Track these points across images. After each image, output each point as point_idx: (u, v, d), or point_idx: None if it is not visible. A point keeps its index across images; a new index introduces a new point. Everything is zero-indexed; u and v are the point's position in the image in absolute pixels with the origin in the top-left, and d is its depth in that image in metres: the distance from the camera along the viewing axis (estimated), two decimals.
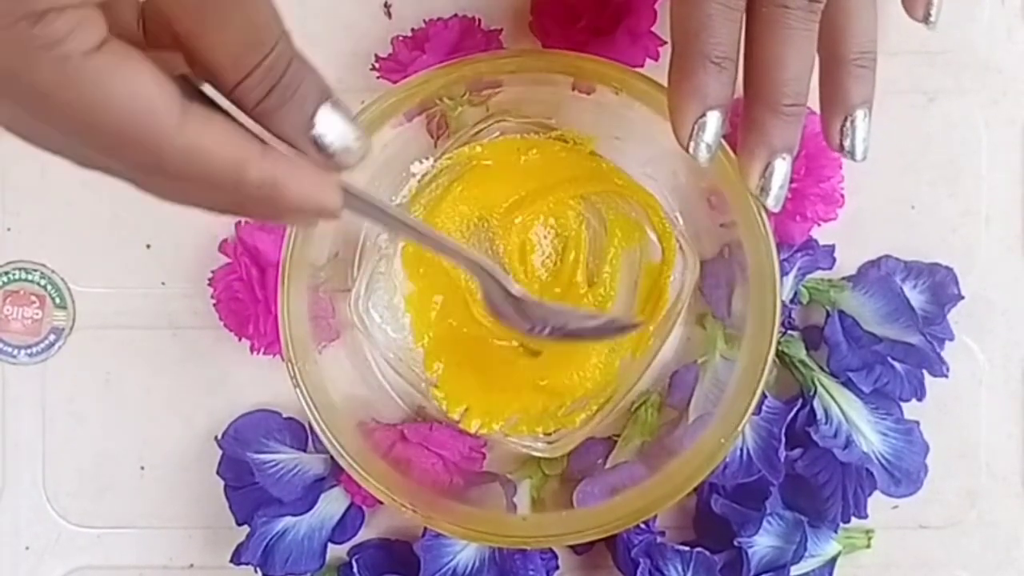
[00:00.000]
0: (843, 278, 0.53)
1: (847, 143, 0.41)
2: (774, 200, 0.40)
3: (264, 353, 0.51)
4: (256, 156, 0.31)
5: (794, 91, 0.39)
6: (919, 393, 0.52)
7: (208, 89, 0.32)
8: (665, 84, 0.40)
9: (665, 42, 0.49)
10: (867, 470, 0.51)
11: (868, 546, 0.53)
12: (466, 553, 0.50)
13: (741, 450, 0.50)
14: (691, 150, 0.39)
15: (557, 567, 0.52)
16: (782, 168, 0.40)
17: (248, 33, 0.31)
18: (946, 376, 0.52)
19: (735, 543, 0.50)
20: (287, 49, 0.32)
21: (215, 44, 0.30)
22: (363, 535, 0.53)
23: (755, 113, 0.40)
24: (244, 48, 0.31)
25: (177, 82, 0.30)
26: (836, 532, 0.52)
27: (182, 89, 0.30)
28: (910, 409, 0.52)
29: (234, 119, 0.32)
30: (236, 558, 0.51)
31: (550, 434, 0.51)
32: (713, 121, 0.39)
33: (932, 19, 0.45)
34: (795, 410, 0.51)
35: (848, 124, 0.41)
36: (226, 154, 0.31)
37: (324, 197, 0.33)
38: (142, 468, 0.54)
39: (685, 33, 0.39)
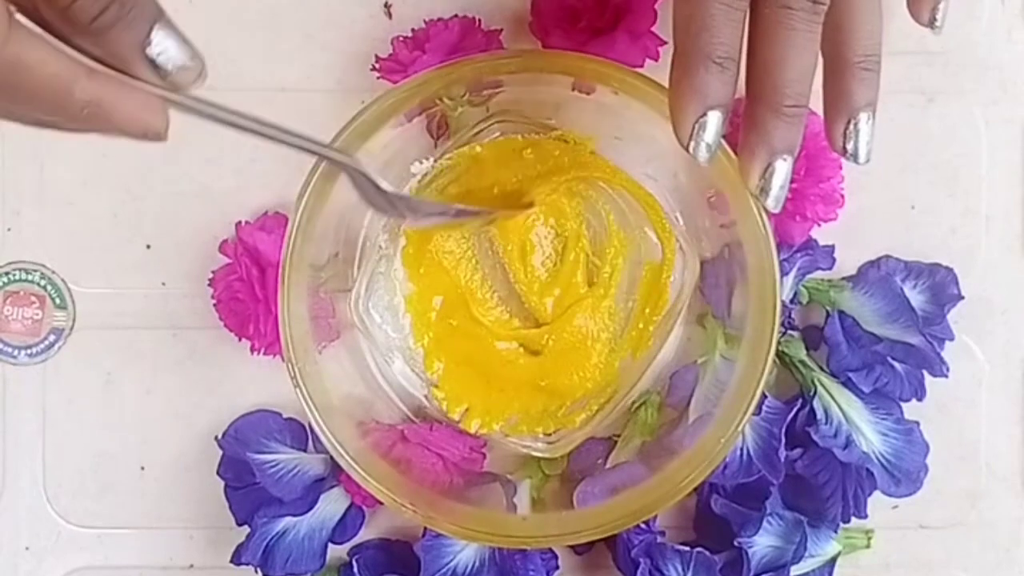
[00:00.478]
0: (843, 278, 0.53)
1: (850, 146, 0.41)
2: (774, 201, 0.40)
3: (264, 353, 0.51)
4: (83, 75, 0.32)
5: (796, 92, 0.39)
6: (919, 393, 0.52)
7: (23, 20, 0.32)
8: (665, 84, 0.40)
9: (665, 42, 0.49)
10: (867, 470, 0.51)
11: (868, 546, 0.53)
12: (466, 553, 0.50)
13: (741, 450, 0.50)
14: (691, 150, 0.39)
15: (557, 567, 0.52)
16: (783, 169, 0.40)
17: None
18: (946, 376, 0.52)
19: (735, 543, 0.50)
20: None
21: None
22: (363, 535, 0.53)
23: (756, 113, 0.40)
24: None
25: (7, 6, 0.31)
26: (836, 532, 0.52)
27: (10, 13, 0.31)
28: (910, 409, 0.52)
29: (59, 43, 0.32)
30: (236, 558, 0.51)
31: (550, 434, 0.51)
32: (714, 121, 0.39)
33: (938, 23, 0.45)
34: (795, 410, 0.51)
35: (851, 127, 0.41)
36: (51, 71, 0.32)
37: (149, 118, 0.34)
38: (142, 468, 0.54)
39: (687, 33, 0.39)
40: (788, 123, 0.39)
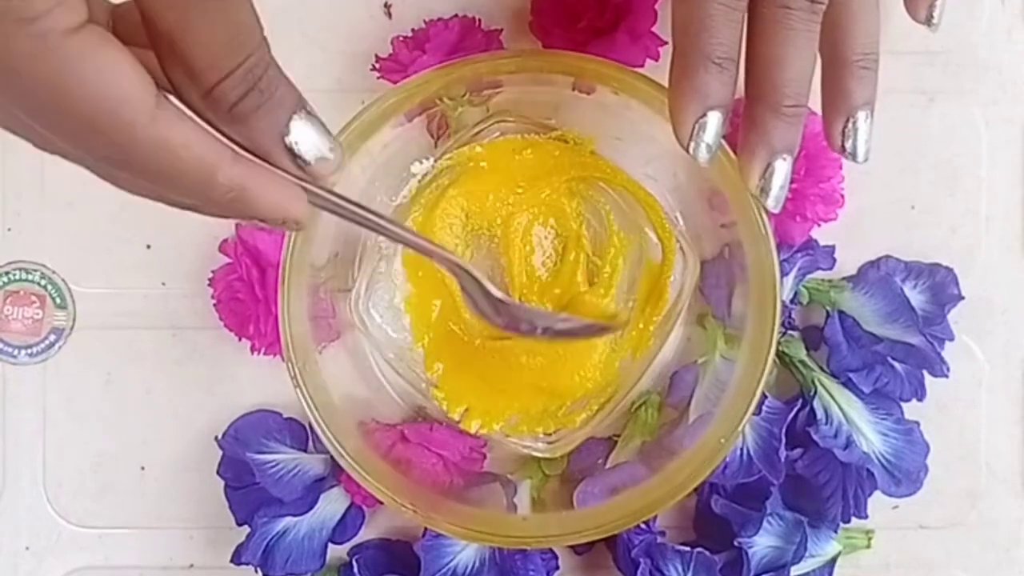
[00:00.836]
0: (843, 278, 0.53)
1: (848, 145, 0.41)
2: (774, 201, 0.40)
3: (264, 353, 0.51)
4: (227, 160, 0.32)
5: (795, 92, 0.39)
6: (919, 393, 0.52)
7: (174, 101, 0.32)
8: (665, 84, 0.40)
9: (665, 42, 0.49)
10: (867, 470, 0.51)
11: (868, 546, 0.53)
12: (466, 553, 0.50)
13: (741, 450, 0.50)
14: (691, 150, 0.39)
15: (557, 567, 0.52)
16: (782, 169, 0.40)
17: (231, 33, 0.31)
18: (946, 376, 0.52)
19: (735, 543, 0.50)
20: (265, 54, 0.32)
21: (197, 43, 0.30)
22: (363, 535, 0.53)
23: (756, 113, 0.40)
24: (225, 48, 0.31)
25: (155, 85, 0.30)
26: (836, 532, 0.52)
27: (159, 91, 0.30)
28: (910, 409, 0.52)
29: (205, 126, 0.32)
30: (236, 558, 0.51)
31: (550, 434, 0.51)
32: (713, 121, 0.39)
33: (935, 21, 0.45)
34: (795, 410, 0.51)
35: (850, 126, 0.41)
36: (196, 154, 0.31)
37: (291, 207, 0.33)
38: (142, 468, 0.54)
39: (686, 33, 0.39)
40: (787, 123, 0.39)
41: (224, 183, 0.32)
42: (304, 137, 0.33)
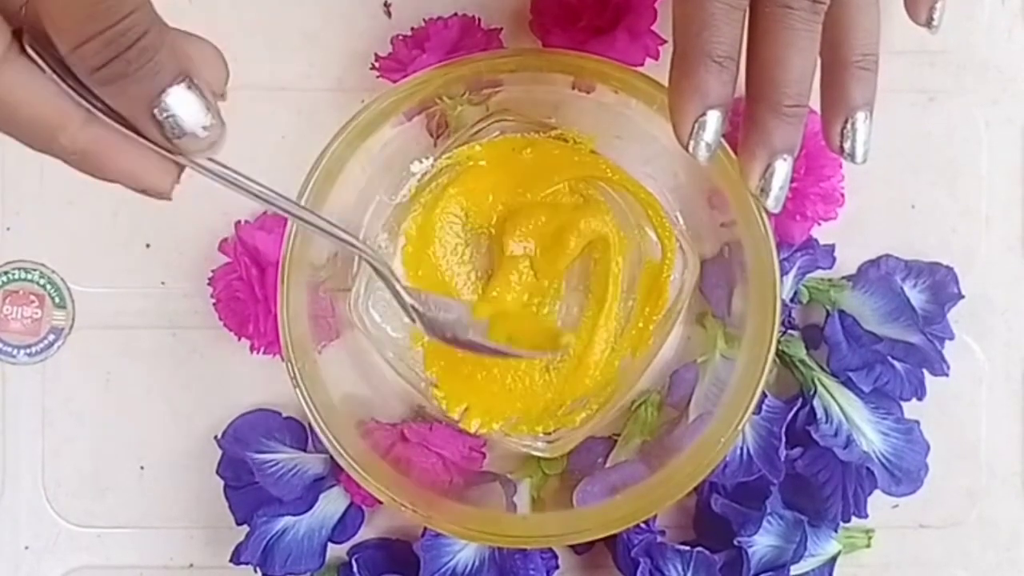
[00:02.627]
0: (843, 277, 0.53)
1: (847, 145, 0.41)
2: (774, 201, 0.40)
3: (264, 353, 0.51)
4: (76, 123, 0.31)
5: (796, 92, 0.39)
6: (919, 392, 0.52)
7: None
8: (665, 83, 0.40)
9: (665, 41, 0.49)
10: (867, 469, 0.51)
11: (868, 545, 0.53)
12: (466, 553, 0.50)
13: (741, 449, 0.50)
14: (691, 149, 0.39)
15: (557, 567, 0.52)
16: (783, 169, 0.40)
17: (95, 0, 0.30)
18: (946, 375, 0.52)
19: (735, 542, 0.50)
20: (143, 22, 0.31)
21: (56, 4, 0.30)
22: (363, 535, 0.53)
23: (756, 113, 0.39)
24: (86, 12, 0.30)
25: (9, 34, 0.30)
26: (836, 531, 0.52)
27: (13, 41, 0.30)
28: (910, 408, 0.52)
29: (65, 85, 0.31)
30: (236, 558, 0.51)
31: (550, 433, 0.51)
32: (713, 120, 0.39)
33: (935, 23, 0.45)
34: (795, 409, 0.51)
35: (849, 126, 0.41)
36: (37, 113, 0.31)
37: (146, 178, 0.32)
38: (142, 468, 0.54)
39: (687, 32, 0.39)
40: (788, 123, 0.39)
41: (67, 145, 0.31)
42: (179, 111, 0.31)
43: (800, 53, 0.39)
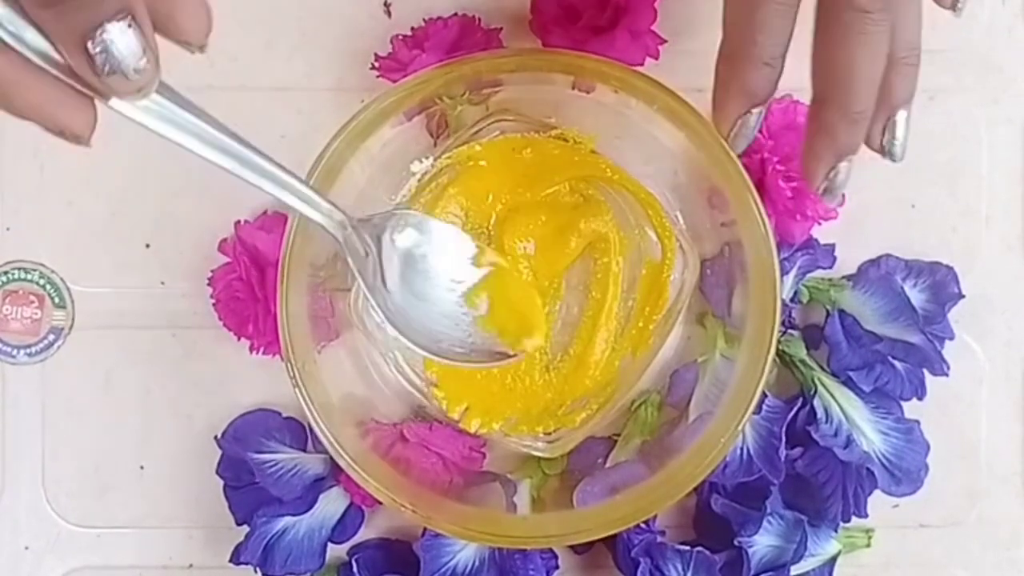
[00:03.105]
0: (843, 277, 0.53)
1: (887, 142, 0.41)
2: (836, 198, 0.41)
3: (264, 353, 0.51)
4: None
5: (866, 95, 0.39)
6: (919, 392, 0.52)
7: None
8: (665, 83, 0.40)
9: (665, 40, 0.49)
10: (867, 469, 0.51)
11: (868, 545, 0.53)
12: (466, 553, 0.50)
13: (741, 449, 0.50)
14: (730, 141, 0.41)
15: (557, 567, 0.52)
16: (846, 169, 0.40)
17: None
18: (947, 375, 0.52)
19: (735, 543, 0.50)
20: None
21: None
22: (363, 535, 0.53)
23: (826, 116, 0.39)
24: None
25: None
26: (836, 531, 0.52)
27: None
28: (910, 408, 0.52)
29: None
30: (236, 558, 0.51)
31: (550, 433, 0.51)
32: (755, 116, 0.40)
33: (960, 6, 0.44)
34: (795, 409, 0.51)
35: (890, 123, 0.41)
36: None
37: (64, 119, 0.31)
38: (141, 468, 0.54)
39: (740, 32, 0.39)
40: (857, 127, 0.39)
41: None
42: (114, 47, 0.29)
43: (872, 58, 0.39)
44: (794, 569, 0.50)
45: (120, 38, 0.29)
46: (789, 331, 0.52)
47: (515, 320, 0.46)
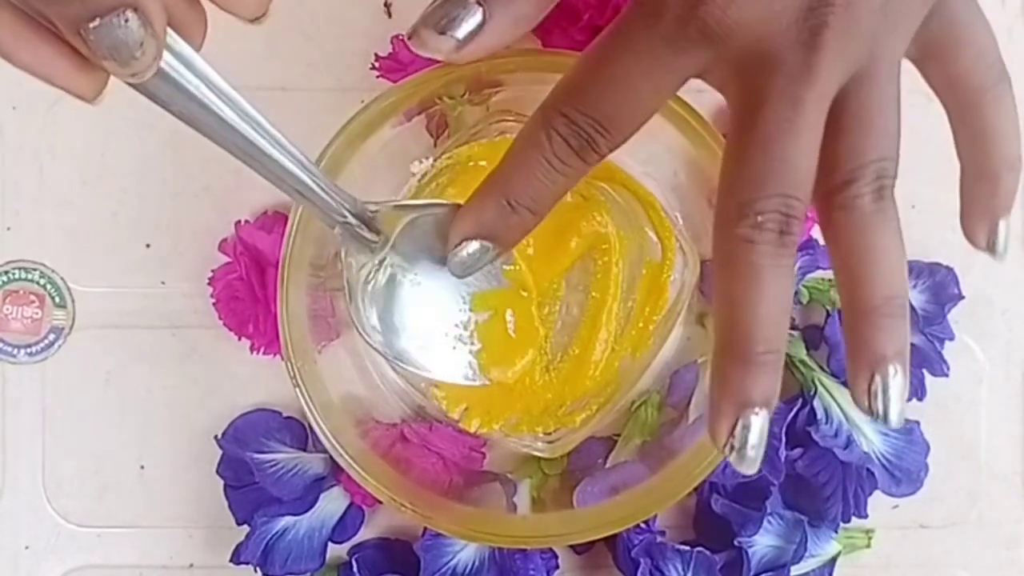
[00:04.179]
0: None
1: (875, 407, 0.35)
2: (748, 463, 0.34)
3: (264, 352, 0.51)
4: None
5: (765, 336, 0.34)
6: (919, 393, 0.52)
7: None
8: None
9: None
10: (867, 470, 0.51)
11: (868, 546, 0.53)
12: (466, 553, 0.50)
13: None
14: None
15: (557, 567, 0.52)
16: (758, 423, 0.34)
17: None
18: (947, 376, 0.52)
19: (735, 543, 0.50)
20: None
21: None
22: (363, 535, 0.53)
23: (719, 364, 0.35)
24: None
25: None
26: (836, 532, 0.52)
27: None
28: (911, 409, 0.52)
29: None
30: (236, 557, 0.51)
31: (550, 433, 0.51)
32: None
33: (1000, 249, 0.40)
34: (795, 410, 0.51)
35: (875, 384, 0.35)
36: None
37: (66, 81, 0.30)
38: (142, 467, 0.54)
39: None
40: (760, 372, 0.34)
41: None
42: (108, 38, 0.29)
43: (771, 297, 0.34)
44: (794, 569, 0.50)
45: (114, 31, 0.29)
46: (789, 331, 0.52)
47: (499, 349, 0.45)
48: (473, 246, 0.37)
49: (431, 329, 0.41)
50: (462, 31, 0.36)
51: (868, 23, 0.35)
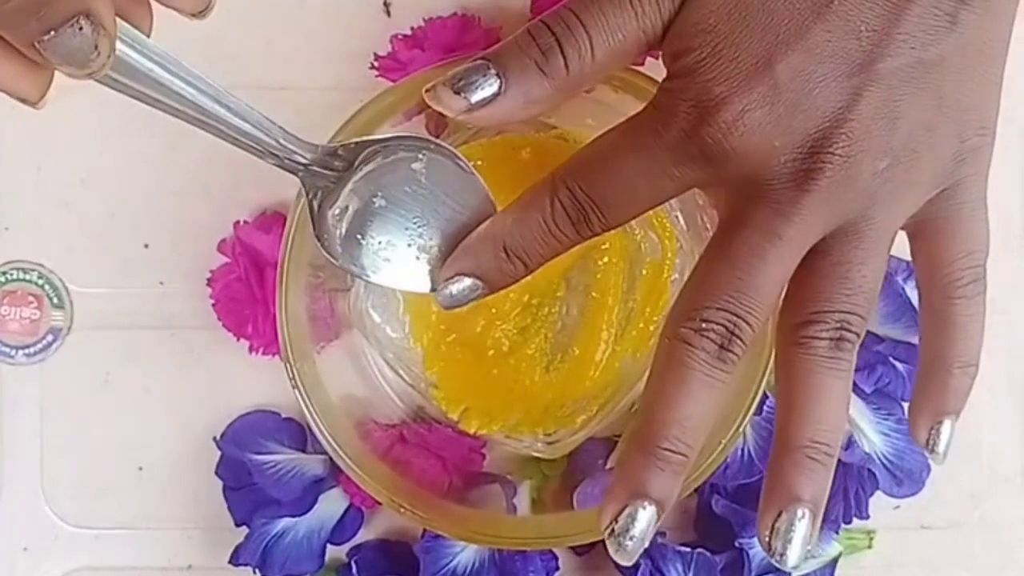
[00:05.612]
0: None
1: (776, 544, 0.37)
2: (623, 553, 0.35)
3: (263, 353, 0.51)
4: None
5: (675, 435, 0.35)
6: None
7: None
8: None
9: None
10: (869, 470, 0.50)
11: (870, 547, 0.53)
12: (466, 555, 0.50)
13: (742, 450, 0.50)
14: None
15: (557, 568, 0.52)
16: (644, 517, 0.35)
17: None
18: None
19: (736, 544, 0.50)
20: None
21: None
22: (362, 536, 0.53)
23: (625, 455, 0.36)
24: None
25: None
26: (837, 532, 0.52)
27: None
28: None
29: None
30: (235, 559, 0.51)
31: (550, 434, 0.51)
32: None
33: (940, 450, 0.40)
34: None
35: (783, 521, 0.37)
36: None
37: (6, 81, 0.31)
38: (140, 469, 0.53)
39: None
40: (659, 467, 0.35)
41: None
42: (62, 48, 0.29)
43: (685, 395, 0.35)
44: (795, 571, 0.50)
45: (69, 40, 0.29)
46: None
47: None
48: (465, 282, 0.39)
49: (395, 243, 0.41)
50: (476, 96, 0.37)
51: (866, 182, 0.36)
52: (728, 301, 0.35)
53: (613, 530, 0.35)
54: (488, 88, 0.37)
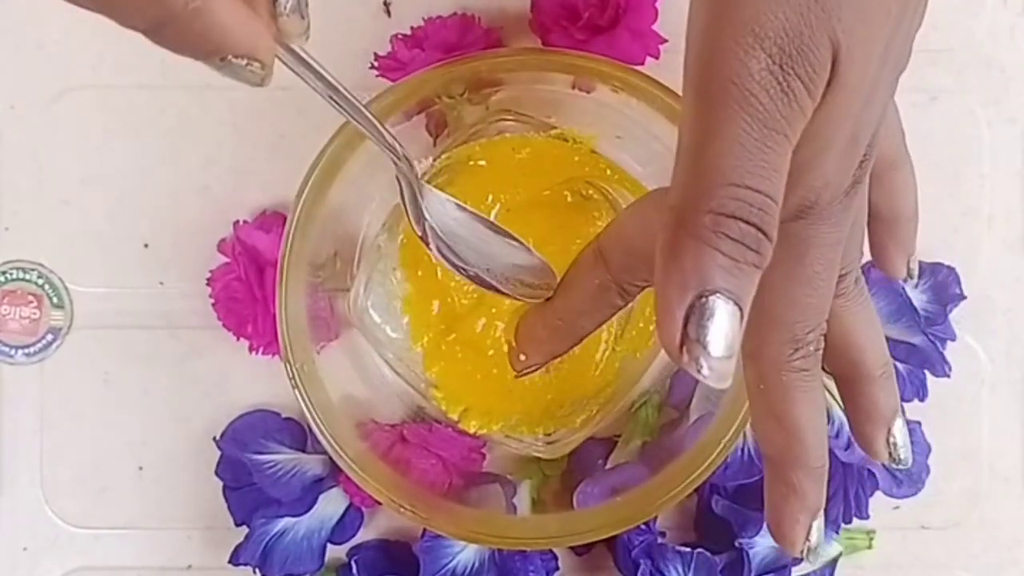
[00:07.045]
0: None
1: (897, 454, 0.39)
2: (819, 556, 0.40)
3: (263, 353, 0.51)
4: None
5: (824, 450, 0.37)
6: (921, 393, 0.52)
7: None
8: (666, 82, 0.40)
9: (666, 40, 0.49)
10: (869, 470, 0.50)
11: (869, 547, 0.53)
12: (465, 554, 0.50)
13: (742, 450, 0.50)
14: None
15: (557, 568, 0.52)
16: (819, 527, 0.38)
17: None
18: (948, 376, 0.51)
19: (736, 544, 0.50)
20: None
21: None
22: (362, 536, 0.53)
23: (791, 478, 0.37)
24: None
25: None
26: (837, 532, 0.52)
27: None
28: (912, 409, 0.52)
29: None
30: (235, 559, 0.51)
31: (550, 434, 0.51)
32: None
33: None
34: None
35: (895, 435, 0.40)
36: None
37: (248, 44, 0.32)
38: (140, 468, 0.53)
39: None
40: (822, 481, 0.38)
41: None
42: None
43: (821, 412, 0.37)
44: (795, 570, 0.50)
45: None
46: None
47: None
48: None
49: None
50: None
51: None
52: (817, 318, 0.36)
53: (810, 549, 0.37)
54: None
